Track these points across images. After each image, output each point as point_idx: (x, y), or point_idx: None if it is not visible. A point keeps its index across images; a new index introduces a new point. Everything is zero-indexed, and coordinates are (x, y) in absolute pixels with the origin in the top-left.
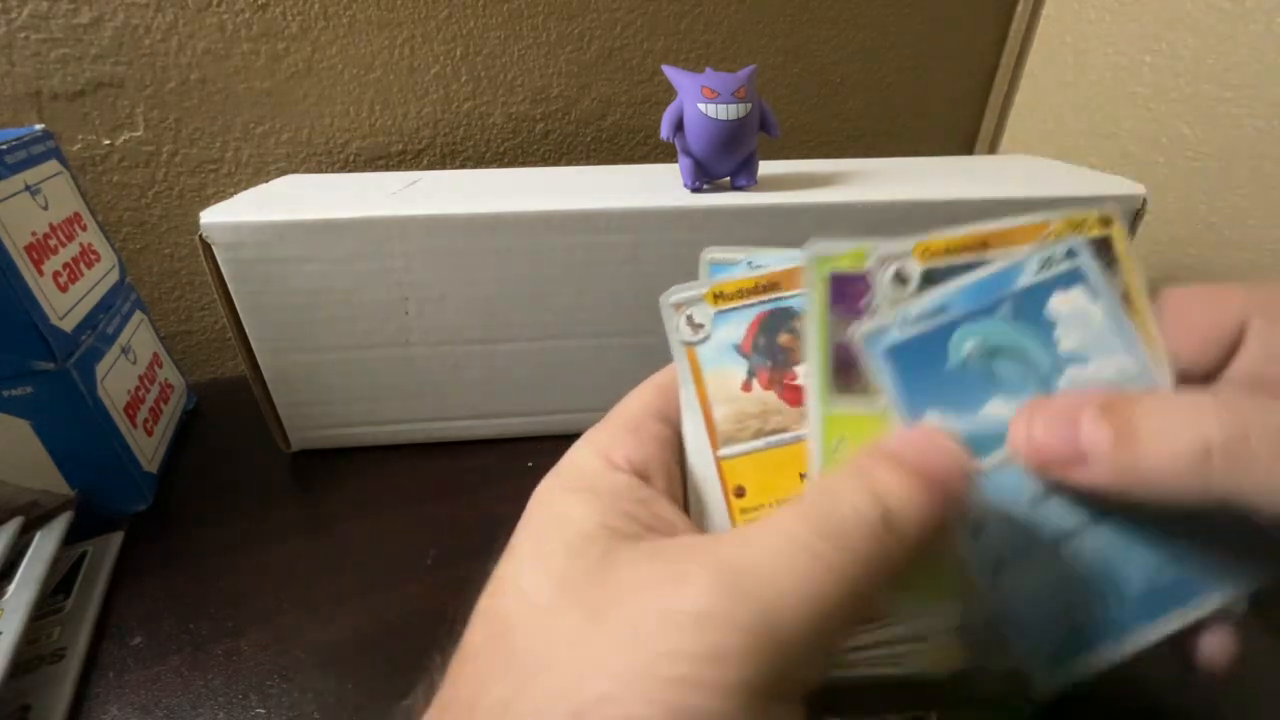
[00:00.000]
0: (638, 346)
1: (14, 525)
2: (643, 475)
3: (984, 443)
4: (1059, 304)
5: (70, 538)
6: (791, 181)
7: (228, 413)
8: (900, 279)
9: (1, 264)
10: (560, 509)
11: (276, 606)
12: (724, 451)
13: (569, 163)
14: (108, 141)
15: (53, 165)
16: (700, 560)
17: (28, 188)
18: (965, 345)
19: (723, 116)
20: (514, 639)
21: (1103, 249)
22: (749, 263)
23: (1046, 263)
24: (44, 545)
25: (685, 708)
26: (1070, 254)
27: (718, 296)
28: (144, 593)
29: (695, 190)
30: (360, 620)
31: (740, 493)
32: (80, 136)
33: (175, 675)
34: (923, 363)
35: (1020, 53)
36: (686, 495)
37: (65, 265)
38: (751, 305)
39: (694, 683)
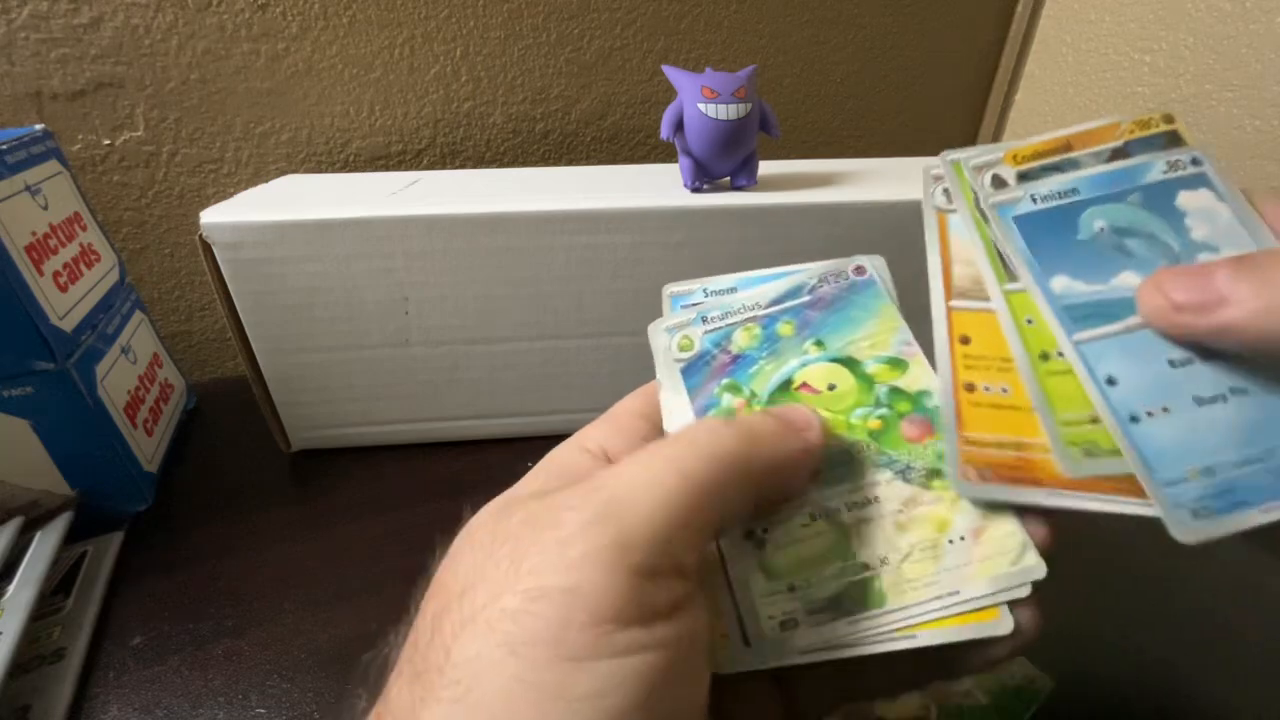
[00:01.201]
0: (638, 346)
1: (14, 525)
2: (614, 460)
3: (1116, 307)
4: (1187, 200)
5: (70, 538)
6: (791, 181)
7: (228, 413)
8: (999, 182)
9: (1, 264)
10: (514, 487)
11: (276, 606)
12: (954, 304)
13: (569, 163)
14: (108, 141)
15: (53, 165)
16: (575, 484)
17: (28, 188)
18: (1097, 222)
19: (723, 116)
20: (438, 583)
21: (1174, 141)
22: (704, 290)
23: (1172, 165)
24: (44, 545)
25: (541, 587)
26: (1195, 161)
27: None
28: (144, 593)
29: (695, 190)
30: (360, 620)
31: (965, 340)
32: (80, 136)
33: (175, 675)
34: (1054, 233)
35: (1020, 53)
36: None
37: (65, 265)
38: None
39: (547, 567)
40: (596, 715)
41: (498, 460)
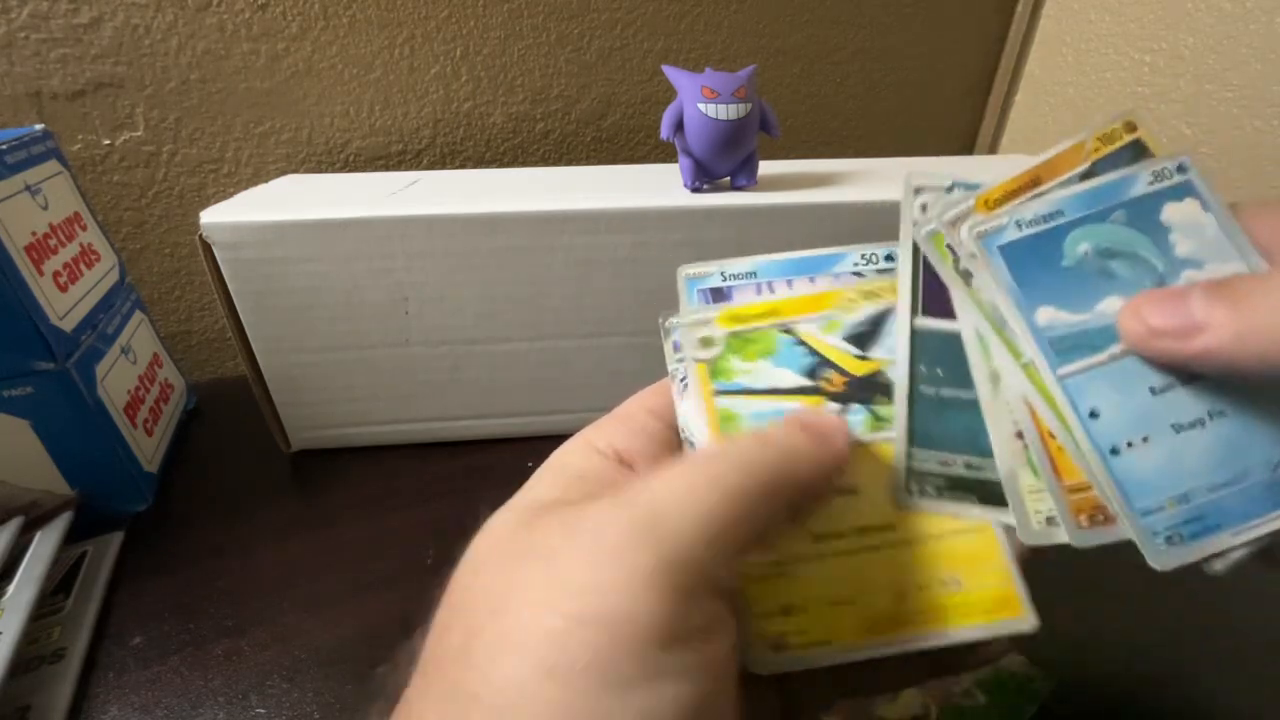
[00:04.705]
0: (637, 346)
1: (14, 525)
2: (626, 462)
3: (1099, 337)
4: (1172, 213)
5: (70, 538)
6: (791, 181)
7: (228, 413)
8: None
9: (1, 264)
10: (528, 488)
11: (276, 606)
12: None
13: (569, 163)
14: (108, 141)
15: (53, 165)
16: (606, 497)
17: (28, 188)
18: (1081, 245)
19: (723, 116)
20: (463, 597)
21: (1140, 151)
22: (722, 273)
23: (1158, 175)
24: (44, 545)
25: (581, 611)
26: (1181, 169)
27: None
28: (144, 593)
29: (695, 190)
30: (360, 620)
31: None
32: (80, 136)
33: (175, 675)
34: (1038, 261)
35: (1020, 53)
36: None
37: (65, 265)
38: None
39: (586, 588)
40: None
41: (498, 460)
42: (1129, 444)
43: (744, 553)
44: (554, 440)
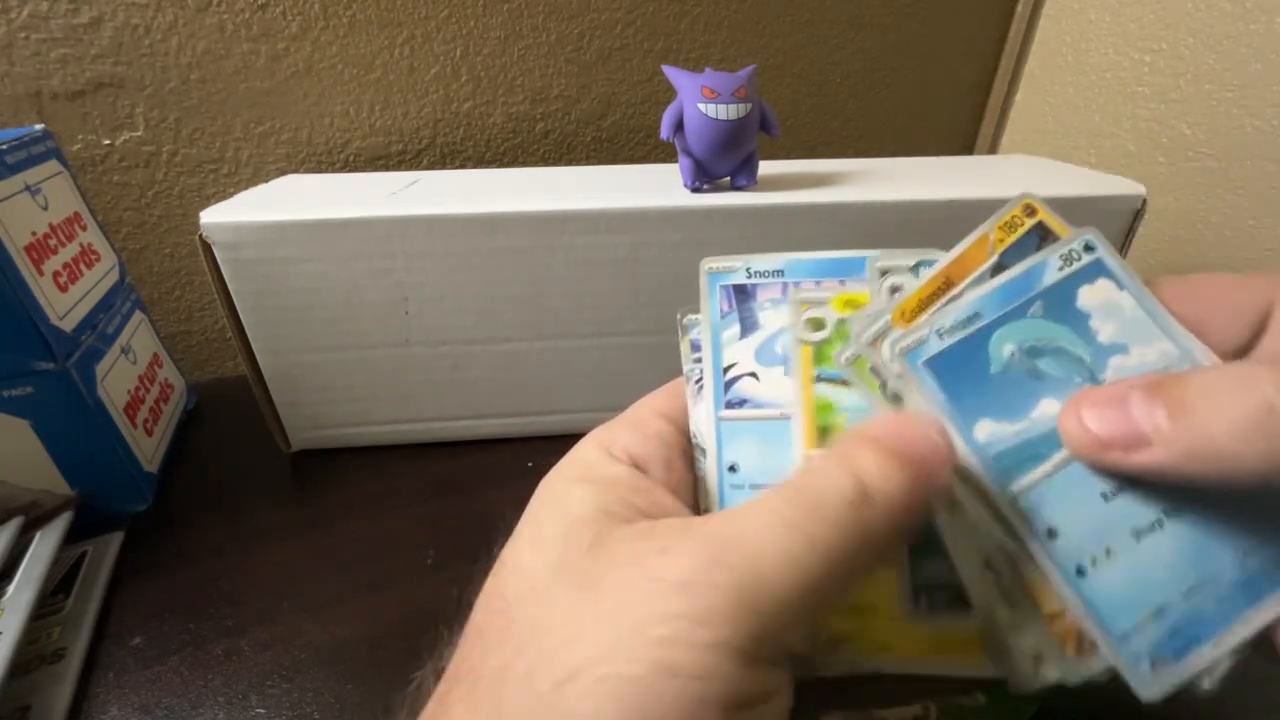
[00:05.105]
0: (638, 346)
1: (14, 525)
2: (641, 467)
3: (1042, 445)
4: (1088, 297)
5: (70, 538)
6: (791, 181)
7: (228, 413)
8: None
9: (1, 264)
10: (559, 496)
11: (276, 606)
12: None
13: (569, 163)
14: (108, 141)
15: (53, 165)
16: (687, 534)
17: (28, 188)
18: (1006, 347)
19: (723, 116)
20: (512, 613)
21: (1045, 234)
22: (747, 269)
23: (1066, 259)
24: (44, 545)
25: (670, 663)
26: (1088, 248)
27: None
28: (144, 593)
29: (695, 190)
30: (360, 620)
31: None
32: (80, 136)
33: (175, 675)
34: (966, 371)
35: (1020, 53)
36: (696, 486)
37: (65, 265)
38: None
39: (678, 642)
40: None
41: (498, 460)
42: (1093, 561)
43: (827, 612)
44: (554, 440)
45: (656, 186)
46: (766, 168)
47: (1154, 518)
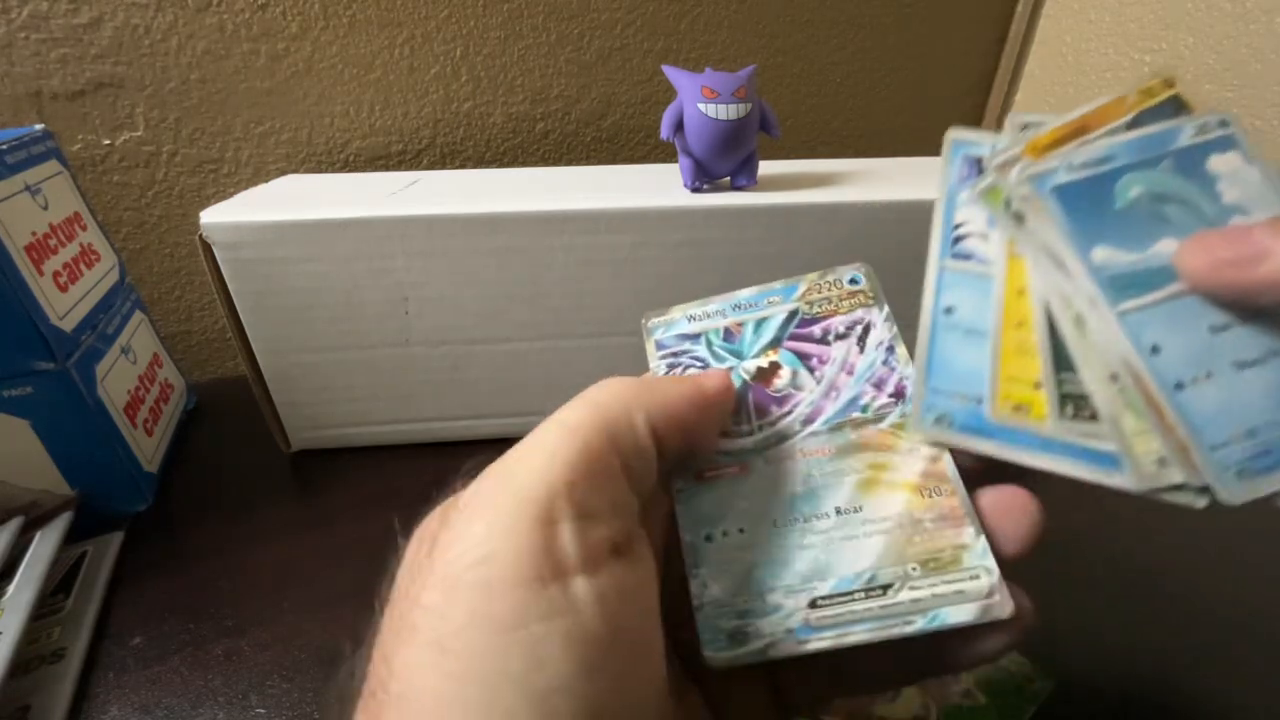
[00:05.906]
0: (638, 346)
1: (14, 525)
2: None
3: (1157, 275)
4: (1217, 163)
5: (70, 538)
6: (791, 181)
7: (228, 413)
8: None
9: (2, 264)
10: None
11: (276, 606)
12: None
13: (569, 163)
14: (108, 141)
15: (53, 165)
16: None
17: (28, 188)
18: (1134, 189)
19: (723, 116)
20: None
21: (1179, 107)
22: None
23: (1201, 129)
24: (44, 545)
25: (479, 560)
26: (1223, 123)
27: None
28: (144, 593)
29: (695, 190)
30: (360, 620)
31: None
32: (80, 136)
33: (175, 675)
34: (1090, 202)
35: (1020, 53)
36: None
37: (65, 265)
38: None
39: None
40: (537, 693)
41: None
42: (1193, 379)
43: (613, 480)
44: None
45: (656, 186)
46: (766, 168)
47: (1258, 354)
